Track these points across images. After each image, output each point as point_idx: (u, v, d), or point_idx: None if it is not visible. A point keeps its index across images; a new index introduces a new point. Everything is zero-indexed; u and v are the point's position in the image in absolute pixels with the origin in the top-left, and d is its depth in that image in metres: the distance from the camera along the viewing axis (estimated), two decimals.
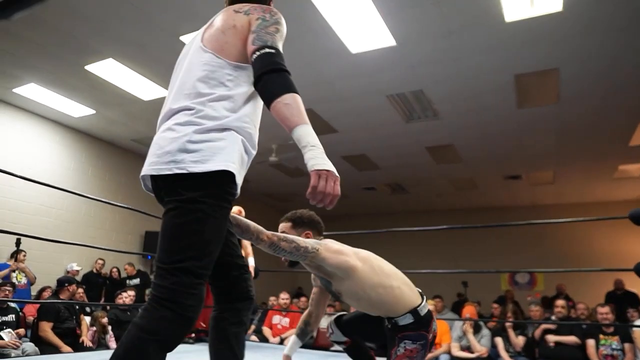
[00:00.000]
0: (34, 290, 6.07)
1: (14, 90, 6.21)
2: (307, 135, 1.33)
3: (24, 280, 5.85)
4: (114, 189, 8.21)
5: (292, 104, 1.32)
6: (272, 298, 7.44)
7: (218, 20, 1.56)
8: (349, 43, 4.80)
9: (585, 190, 9.80)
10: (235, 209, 4.87)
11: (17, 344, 4.24)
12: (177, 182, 1.33)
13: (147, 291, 6.81)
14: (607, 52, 4.79)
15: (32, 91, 6.22)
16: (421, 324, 2.04)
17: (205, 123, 1.36)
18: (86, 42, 5.00)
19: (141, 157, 8.69)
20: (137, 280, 7.52)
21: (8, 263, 5.93)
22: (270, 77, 1.34)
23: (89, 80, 5.85)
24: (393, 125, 6.90)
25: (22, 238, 5.76)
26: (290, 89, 1.34)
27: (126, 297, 5.50)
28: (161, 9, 4.41)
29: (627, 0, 4.00)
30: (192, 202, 1.31)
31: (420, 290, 2.20)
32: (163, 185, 1.38)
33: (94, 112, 6.88)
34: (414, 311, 2.04)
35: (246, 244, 4.79)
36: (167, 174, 1.33)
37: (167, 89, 6.26)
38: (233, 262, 1.64)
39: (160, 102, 6.57)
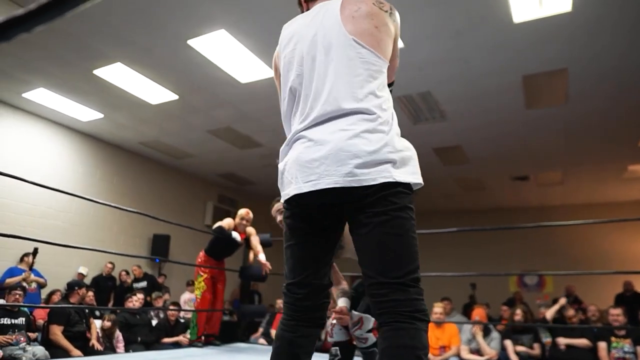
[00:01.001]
0: (43, 294, 6.10)
1: (24, 94, 6.26)
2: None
3: (34, 285, 5.89)
4: (121, 192, 8.25)
5: None
6: (279, 301, 7.43)
7: (362, 7, 1.44)
8: None
9: (594, 190, 9.72)
10: (243, 211, 4.89)
11: (11, 339, 4.26)
12: (384, 190, 1.30)
13: (154, 295, 6.82)
14: (616, 51, 4.75)
15: (41, 96, 6.27)
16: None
17: (387, 130, 1.37)
18: (95, 46, 5.03)
19: (149, 160, 8.78)
20: (144, 284, 7.53)
21: (20, 267, 5.97)
22: None
23: (98, 85, 5.88)
24: (400, 127, 6.85)
25: (34, 242, 5.79)
26: None
27: (135, 300, 5.51)
28: (169, 13, 4.42)
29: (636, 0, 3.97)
30: (405, 210, 1.32)
31: None
32: (362, 195, 1.31)
33: (102, 116, 6.92)
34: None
35: (256, 242, 4.81)
36: (372, 184, 1.29)
37: (174, 92, 6.29)
38: (325, 286, 1.55)
39: (167, 105, 6.65)
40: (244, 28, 4.62)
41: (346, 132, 1.33)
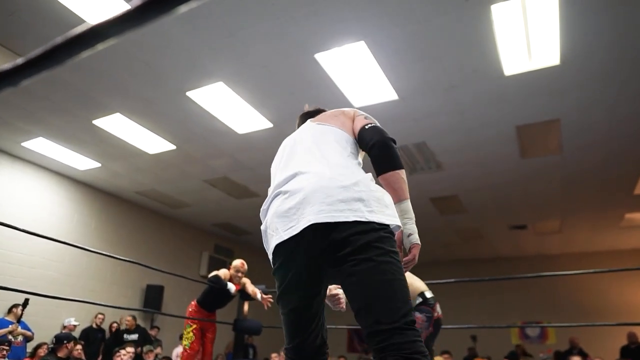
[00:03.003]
0: (30, 347, 5.89)
1: (23, 144, 6.31)
2: (410, 209, 1.52)
3: (20, 338, 5.70)
4: (116, 242, 8.16)
5: (405, 178, 1.58)
6: (274, 355, 7.20)
7: (321, 118, 1.83)
8: (351, 97, 4.89)
9: (593, 239, 9.67)
10: (237, 262, 4.82)
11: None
12: (360, 233, 1.33)
13: (145, 348, 6.60)
14: (606, 102, 4.86)
15: (40, 145, 6.31)
16: (427, 304, 2.72)
17: (358, 173, 1.54)
18: (95, 97, 5.12)
19: (144, 209, 8.74)
20: (135, 336, 7.30)
21: (7, 319, 5.80)
22: (385, 148, 1.62)
23: (96, 134, 5.94)
24: None
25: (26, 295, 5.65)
26: (401, 164, 1.59)
27: (124, 354, 5.33)
28: (169, 66, 4.53)
29: (622, 52, 4.10)
30: (392, 254, 1.34)
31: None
32: (346, 237, 1.33)
33: (99, 165, 6.94)
34: (422, 294, 2.78)
35: (251, 287, 4.74)
36: (345, 221, 1.33)
37: (172, 142, 6.35)
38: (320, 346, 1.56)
39: (165, 155, 6.69)
40: (241, 81, 4.72)
41: (319, 177, 1.45)
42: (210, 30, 4.01)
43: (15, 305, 5.77)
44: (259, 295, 4.57)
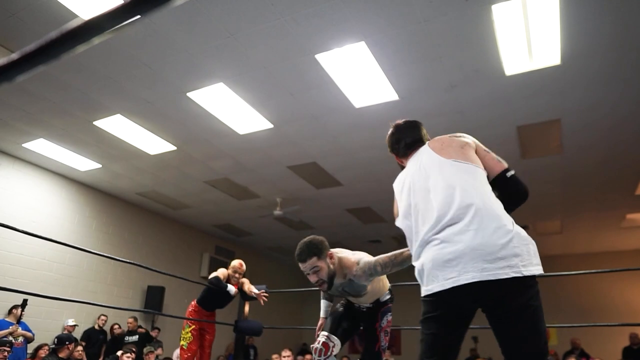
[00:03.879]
0: (30, 348, 5.89)
1: (24, 145, 6.31)
2: None
3: (20, 339, 5.70)
4: (117, 243, 8.16)
5: None
6: (274, 356, 7.19)
7: (445, 149, 1.89)
8: (352, 98, 4.89)
9: (594, 239, 9.65)
10: (236, 262, 4.82)
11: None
12: (515, 286, 1.49)
13: (145, 349, 6.58)
14: (607, 102, 4.85)
15: (40, 146, 6.32)
16: (392, 299, 2.86)
17: (511, 226, 1.62)
18: (96, 98, 5.12)
19: (145, 210, 8.74)
20: (135, 337, 7.29)
21: (7, 320, 5.80)
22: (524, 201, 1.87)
23: (97, 135, 5.94)
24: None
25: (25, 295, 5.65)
26: None
27: (126, 357, 5.30)
28: (170, 68, 4.53)
29: (623, 53, 4.09)
30: (536, 299, 1.55)
31: None
32: (504, 294, 1.51)
33: (100, 166, 6.94)
34: (390, 290, 2.89)
35: (248, 285, 4.73)
36: (504, 278, 1.49)
37: (173, 143, 6.37)
38: None
39: (165, 156, 6.70)
40: (241, 81, 4.72)
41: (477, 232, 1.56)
42: (210, 31, 4.01)
43: (16, 307, 5.77)
44: (254, 290, 4.55)
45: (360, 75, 4.53)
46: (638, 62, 4.20)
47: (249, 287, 4.67)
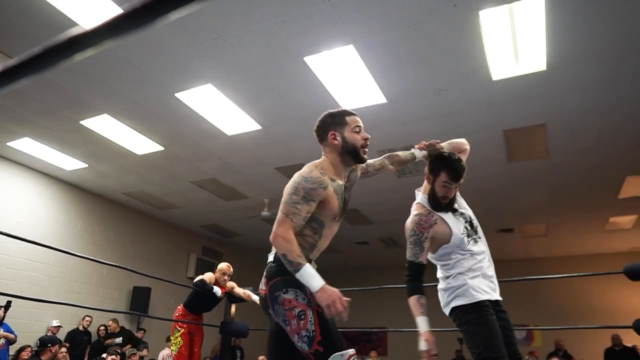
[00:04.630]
0: (12, 350, 5.80)
1: (8, 143, 6.22)
2: None
3: (2, 341, 5.62)
4: (103, 243, 8.08)
5: None
6: (261, 357, 7.17)
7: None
8: (340, 100, 4.91)
9: (577, 242, 9.79)
10: (223, 265, 4.82)
11: None
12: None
13: (128, 351, 6.53)
14: (592, 108, 4.93)
15: (26, 145, 6.24)
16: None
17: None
18: (83, 98, 5.07)
19: (132, 211, 8.67)
20: (119, 339, 7.18)
21: None
22: None
23: (83, 135, 5.89)
24: (385, 180, 6.94)
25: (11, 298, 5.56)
26: None
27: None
28: (158, 68, 4.51)
29: (607, 60, 4.16)
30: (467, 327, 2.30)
31: None
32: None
33: (86, 165, 6.88)
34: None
35: (240, 290, 4.73)
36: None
37: (160, 143, 6.30)
38: None
39: (152, 156, 6.65)
40: (230, 83, 4.71)
41: None
42: (199, 32, 4.00)
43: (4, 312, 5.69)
44: (254, 297, 4.54)
45: (348, 78, 4.55)
46: (622, 69, 4.28)
47: (245, 292, 4.66)
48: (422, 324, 2.15)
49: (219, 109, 5.19)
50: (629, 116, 5.04)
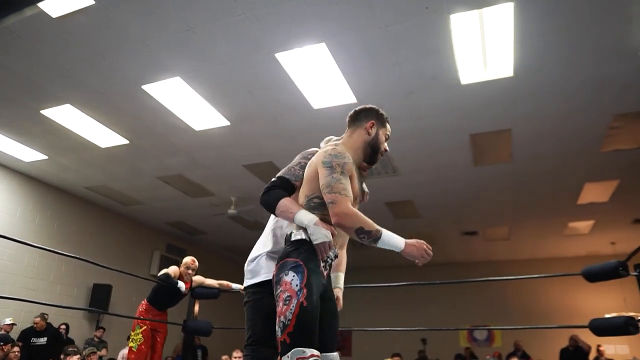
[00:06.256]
0: None
1: None
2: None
3: None
4: (61, 239, 7.80)
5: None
6: (224, 357, 7.08)
7: None
8: (311, 99, 4.89)
9: (538, 246, 10.07)
10: (188, 259, 4.74)
11: None
12: None
13: (87, 350, 6.25)
14: (556, 115, 5.08)
15: None
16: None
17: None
18: (44, 86, 4.88)
19: (94, 205, 8.43)
20: (43, 340, 6.48)
21: None
22: None
23: (44, 125, 5.67)
24: None
25: None
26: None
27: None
28: (125, 58, 4.38)
29: (571, 69, 4.29)
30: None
31: None
32: None
33: (46, 157, 6.63)
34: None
35: (212, 281, 4.69)
36: None
37: (125, 136, 6.16)
38: None
39: (117, 149, 6.48)
40: (199, 77, 4.63)
41: None
42: (168, 23, 3.90)
43: None
44: (233, 286, 4.48)
45: (319, 77, 4.54)
46: (585, 78, 4.42)
47: (222, 282, 4.62)
48: (308, 214, 1.73)
49: (187, 104, 5.09)
50: (588, 124, 5.21)
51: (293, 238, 1.74)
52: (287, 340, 1.53)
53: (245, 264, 2.15)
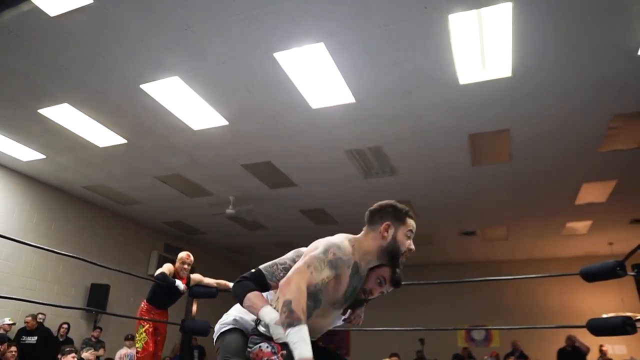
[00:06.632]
0: None
1: None
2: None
3: None
4: (59, 239, 7.78)
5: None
6: None
7: None
8: (309, 98, 4.89)
9: (536, 246, 10.08)
10: (183, 254, 4.76)
11: None
12: None
13: (85, 350, 6.22)
14: (553, 115, 5.08)
15: None
16: None
17: None
18: (43, 85, 4.87)
19: (92, 205, 8.41)
20: (34, 339, 6.43)
21: None
22: None
23: (42, 124, 5.65)
24: (352, 181, 6.97)
25: None
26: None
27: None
28: (123, 58, 4.37)
29: (570, 69, 4.29)
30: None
31: None
32: None
33: (44, 157, 6.61)
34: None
35: (211, 280, 4.71)
36: None
37: (123, 136, 6.17)
38: None
39: (115, 149, 6.46)
40: (197, 76, 4.62)
41: None
42: (167, 23, 3.89)
43: None
44: (230, 285, 4.47)
45: (318, 76, 4.53)
46: (584, 78, 4.42)
47: (220, 282, 4.61)
48: (272, 312, 1.58)
49: (185, 103, 5.08)
50: (587, 124, 5.22)
51: (258, 328, 1.73)
52: None
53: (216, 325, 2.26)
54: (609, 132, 5.35)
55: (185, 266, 4.71)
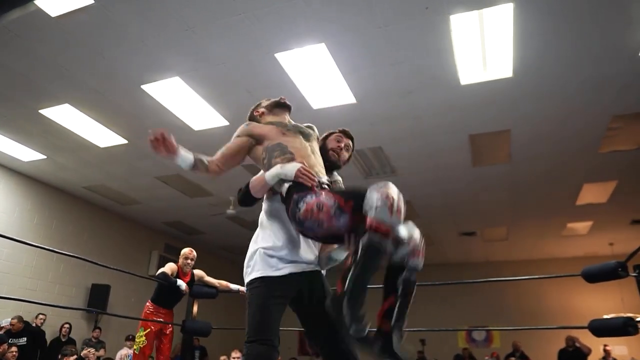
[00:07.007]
0: None
1: None
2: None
3: None
4: (59, 239, 7.78)
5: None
6: (222, 358, 7.08)
7: None
8: (310, 99, 4.89)
9: (536, 247, 10.08)
10: (186, 250, 4.79)
11: None
12: None
13: (85, 350, 6.20)
14: (554, 115, 5.08)
15: None
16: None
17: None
18: (43, 86, 4.87)
19: (92, 205, 8.40)
20: (23, 340, 6.25)
21: None
22: None
23: (43, 125, 5.65)
24: (352, 181, 6.95)
25: None
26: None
27: None
28: (124, 58, 4.37)
29: (571, 70, 4.29)
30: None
31: None
32: None
33: (44, 157, 6.61)
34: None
35: (213, 280, 4.73)
36: None
37: (123, 136, 6.15)
38: None
39: (116, 149, 6.46)
40: (198, 77, 4.62)
41: None
42: (168, 23, 3.90)
43: None
44: (232, 286, 4.47)
45: (318, 77, 4.53)
46: (584, 78, 4.42)
47: (222, 282, 4.62)
48: (271, 170, 1.84)
49: (186, 103, 5.09)
50: (587, 125, 5.22)
51: (284, 193, 1.80)
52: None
53: (245, 260, 2.18)
54: (609, 133, 5.36)
55: (189, 261, 4.74)
